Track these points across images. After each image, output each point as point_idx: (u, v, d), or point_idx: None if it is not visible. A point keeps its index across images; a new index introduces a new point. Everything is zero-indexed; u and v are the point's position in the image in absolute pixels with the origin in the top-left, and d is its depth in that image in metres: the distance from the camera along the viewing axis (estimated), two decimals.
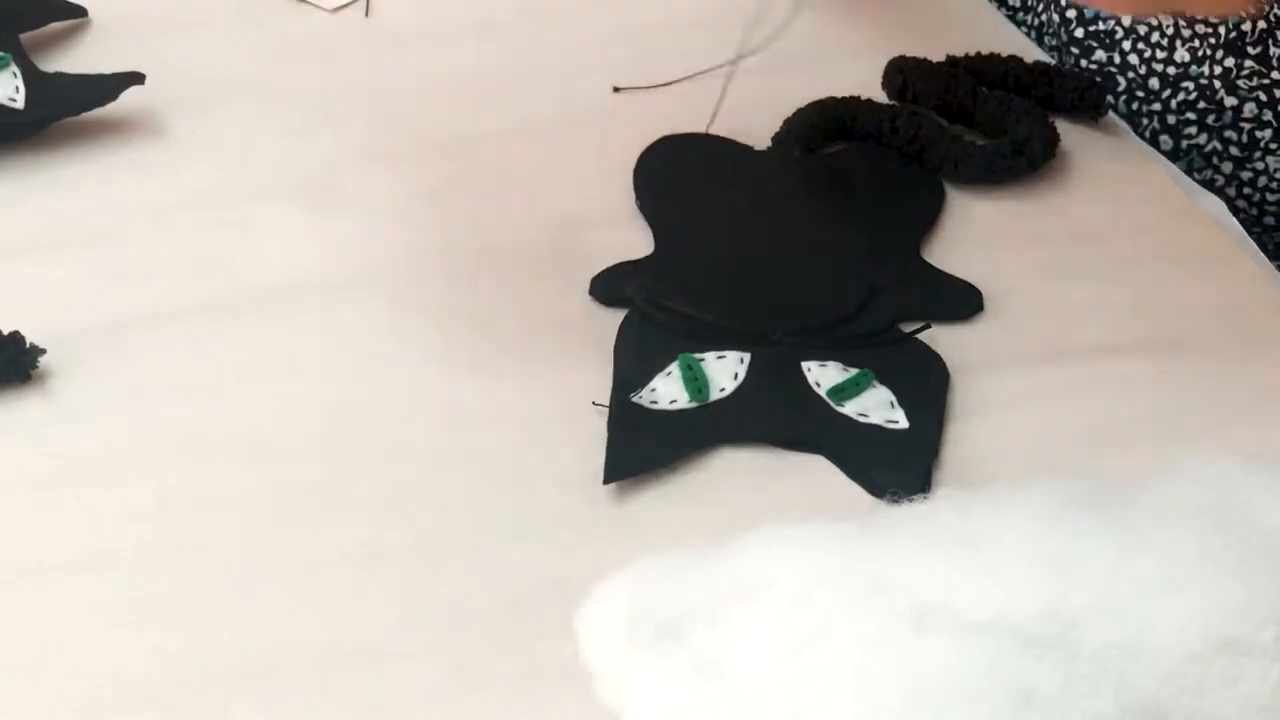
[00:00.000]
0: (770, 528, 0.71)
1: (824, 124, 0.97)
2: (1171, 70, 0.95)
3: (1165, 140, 1.01)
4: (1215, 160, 1.02)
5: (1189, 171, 1.00)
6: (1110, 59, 0.95)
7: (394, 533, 0.77)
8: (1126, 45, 0.95)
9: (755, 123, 0.97)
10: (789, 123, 0.97)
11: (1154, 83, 0.95)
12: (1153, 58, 0.95)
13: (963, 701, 0.64)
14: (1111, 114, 1.02)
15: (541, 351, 0.85)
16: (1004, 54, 1.01)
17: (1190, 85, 0.94)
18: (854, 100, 0.98)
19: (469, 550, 0.76)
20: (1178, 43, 0.94)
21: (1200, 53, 0.93)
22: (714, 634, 0.67)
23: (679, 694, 0.66)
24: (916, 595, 0.66)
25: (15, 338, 0.82)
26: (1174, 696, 0.64)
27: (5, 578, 0.74)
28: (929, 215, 0.94)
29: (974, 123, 0.98)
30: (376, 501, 0.78)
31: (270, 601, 0.74)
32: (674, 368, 0.82)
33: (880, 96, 1.00)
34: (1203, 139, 0.98)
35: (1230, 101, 0.95)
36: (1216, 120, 0.96)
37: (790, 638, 0.66)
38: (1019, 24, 1.09)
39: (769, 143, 0.97)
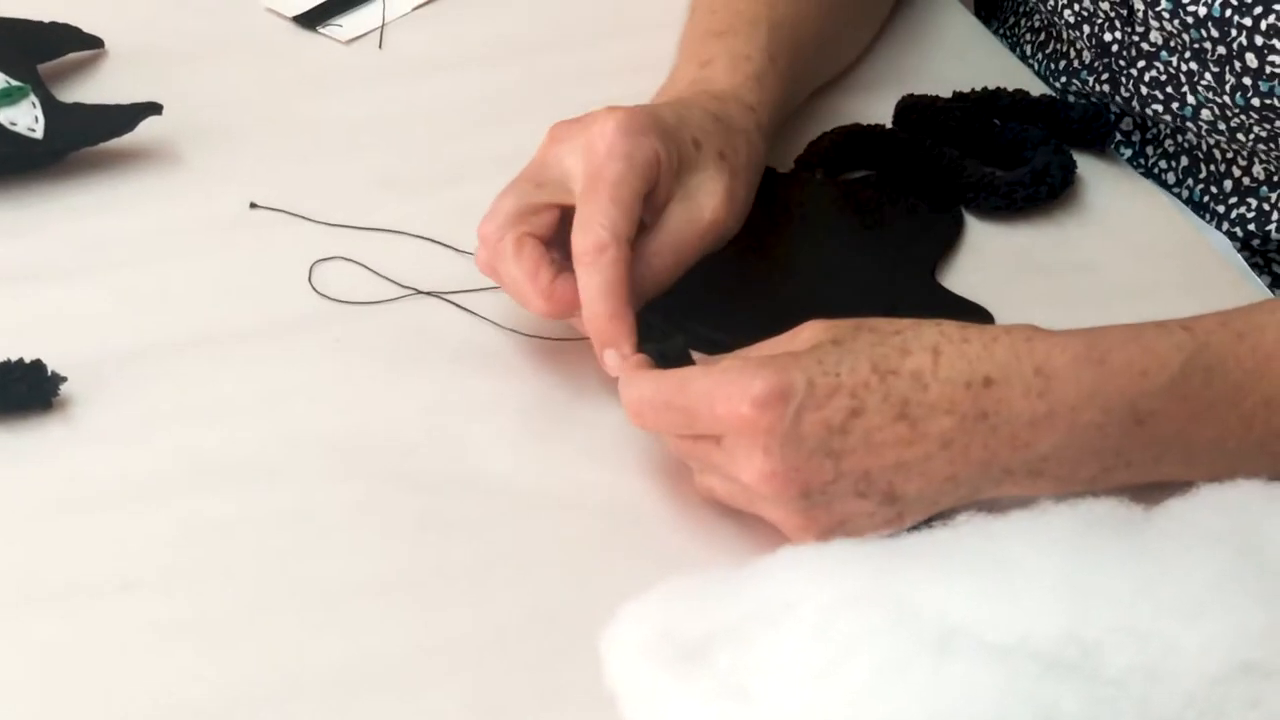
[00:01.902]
0: (794, 551, 0.71)
1: (848, 150, 0.98)
2: None
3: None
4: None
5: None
6: None
7: (414, 558, 0.77)
8: None
9: (774, 152, 0.98)
10: (813, 146, 0.98)
11: None
12: None
13: None
14: (1115, 147, 1.04)
15: (559, 378, 0.86)
16: (1010, 88, 1.03)
17: None
18: (878, 129, 0.99)
19: (489, 576, 0.77)
20: None
21: None
22: (739, 657, 0.67)
23: (704, 717, 0.66)
24: (939, 618, 0.67)
25: (36, 365, 0.83)
26: None
27: (29, 603, 0.75)
28: (946, 243, 0.95)
29: (989, 155, 0.99)
30: (397, 527, 0.79)
31: (291, 625, 0.74)
32: None
33: None
34: None
35: None
36: None
37: (814, 661, 0.66)
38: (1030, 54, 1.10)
39: (791, 164, 0.98)
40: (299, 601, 0.75)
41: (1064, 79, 1.06)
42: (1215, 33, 0.92)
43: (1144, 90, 0.98)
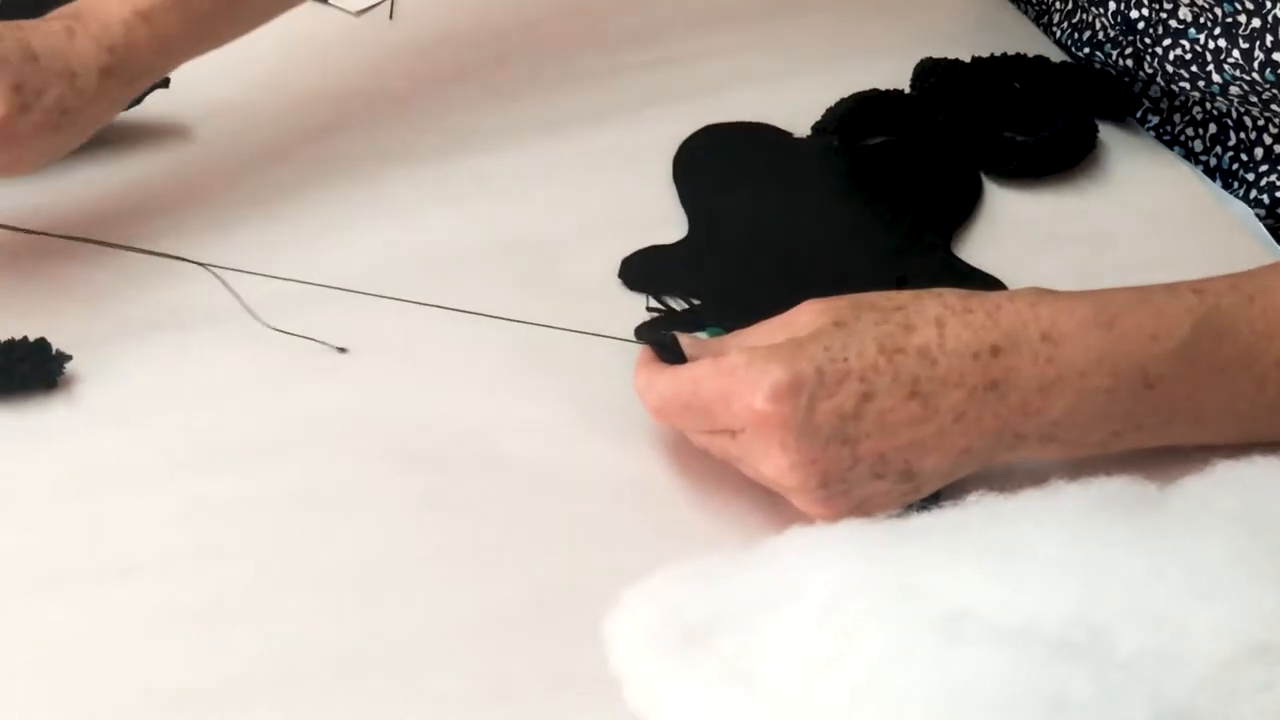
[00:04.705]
0: (800, 534, 0.70)
1: (865, 116, 0.97)
2: None
3: None
4: None
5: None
6: None
7: (420, 539, 0.77)
8: None
9: (790, 119, 0.98)
10: (830, 112, 0.97)
11: None
12: None
13: (993, 709, 0.63)
14: (1136, 116, 1.02)
15: (566, 355, 0.85)
16: (1030, 55, 1.01)
17: None
18: (896, 94, 0.98)
19: (495, 556, 0.76)
20: None
21: None
22: (743, 641, 0.66)
23: (707, 702, 0.66)
24: (947, 602, 0.66)
25: (41, 344, 0.82)
26: (1207, 703, 0.64)
27: (31, 585, 0.74)
28: (963, 210, 0.94)
29: (1008, 120, 0.98)
30: (403, 508, 0.78)
31: (296, 607, 0.74)
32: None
33: None
34: None
35: None
36: None
37: (820, 645, 0.65)
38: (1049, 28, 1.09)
39: (808, 131, 0.98)
40: (303, 584, 0.75)
41: (1087, 50, 1.04)
42: (1250, 4, 0.91)
43: (1169, 69, 0.97)
